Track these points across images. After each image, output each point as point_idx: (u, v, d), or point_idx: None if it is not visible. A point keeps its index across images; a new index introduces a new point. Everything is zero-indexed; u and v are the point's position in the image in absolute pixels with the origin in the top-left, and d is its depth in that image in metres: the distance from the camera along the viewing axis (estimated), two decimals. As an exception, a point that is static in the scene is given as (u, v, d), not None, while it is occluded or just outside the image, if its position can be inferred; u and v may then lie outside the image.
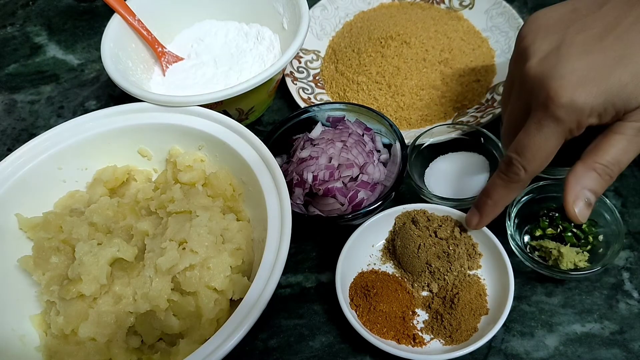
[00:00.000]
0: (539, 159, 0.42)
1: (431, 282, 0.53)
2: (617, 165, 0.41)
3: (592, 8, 0.42)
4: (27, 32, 0.88)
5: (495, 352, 0.50)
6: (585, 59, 0.39)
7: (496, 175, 0.46)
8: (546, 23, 0.43)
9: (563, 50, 0.40)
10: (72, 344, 0.49)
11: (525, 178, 0.44)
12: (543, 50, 0.42)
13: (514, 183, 0.45)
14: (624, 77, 0.38)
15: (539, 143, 0.41)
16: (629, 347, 0.49)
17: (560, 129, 0.40)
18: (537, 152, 0.42)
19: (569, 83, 0.39)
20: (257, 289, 0.44)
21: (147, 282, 0.49)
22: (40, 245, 0.53)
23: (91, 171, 0.60)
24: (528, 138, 0.42)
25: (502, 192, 0.46)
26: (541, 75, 0.40)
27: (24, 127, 0.76)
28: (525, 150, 0.42)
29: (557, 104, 0.39)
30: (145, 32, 0.68)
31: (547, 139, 0.41)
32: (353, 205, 0.56)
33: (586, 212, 0.43)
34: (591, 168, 0.41)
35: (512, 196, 0.47)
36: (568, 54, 0.40)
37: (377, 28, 0.71)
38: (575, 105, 0.39)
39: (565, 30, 0.41)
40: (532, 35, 0.43)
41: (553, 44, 0.41)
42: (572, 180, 0.42)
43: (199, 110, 0.58)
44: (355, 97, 0.69)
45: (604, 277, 0.53)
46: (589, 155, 0.42)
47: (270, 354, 0.53)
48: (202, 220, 0.51)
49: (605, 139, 0.41)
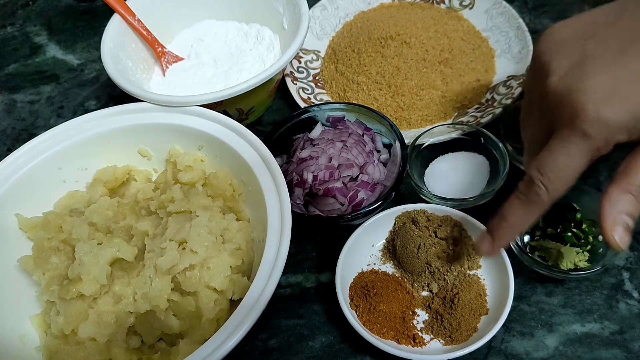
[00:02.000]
0: (563, 178, 0.39)
1: (431, 282, 0.53)
2: None
3: (610, 19, 0.40)
4: (27, 32, 0.88)
5: (495, 352, 0.50)
6: (610, 73, 0.37)
7: (514, 196, 0.43)
8: (563, 38, 0.41)
9: (585, 64, 0.38)
10: (72, 344, 0.49)
11: (546, 200, 0.40)
12: (564, 66, 0.39)
13: (534, 204, 0.41)
14: None
15: (564, 161, 0.38)
16: (629, 347, 0.49)
17: (587, 146, 0.38)
18: (561, 170, 0.39)
19: (596, 98, 0.36)
20: (257, 289, 0.44)
21: (147, 282, 0.49)
22: (40, 245, 0.53)
23: (91, 171, 0.60)
24: (551, 156, 0.39)
25: (521, 215, 0.42)
26: (565, 90, 0.38)
27: (24, 127, 0.76)
28: (548, 168, 0.39)
29: (584, 119, 0.37)
30: (145, 32, 0.68)
31: (572, 157, 0.38)
32: (353, 205, 0.56)
33: (626, 237, 0.39)
34: (626, 190, 0.39)
35: (530, 219, 0.42)
36: (591, 68, 0.38)
37: (377, 28, 0.71)
38: (604, 121, 0.36)
39: (585, 44, 0.39)
40: (550, 52, 0.41)
41: (574, 59, 0.39)
42: (607, 206, 0.39)
43: (199, 110, 0.58)
44: (355, 97, 0.69)
45: (604, 277, 0.53)
46: (622, 177, 0.39)
47: (270, 354, 0.53)
48: (202, 220, 0.51)
49: (637, 158, 0.39)
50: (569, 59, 0.39)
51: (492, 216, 0.45)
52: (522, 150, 0.57)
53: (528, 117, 0.45)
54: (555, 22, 0.43)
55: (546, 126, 0.41)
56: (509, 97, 0.63)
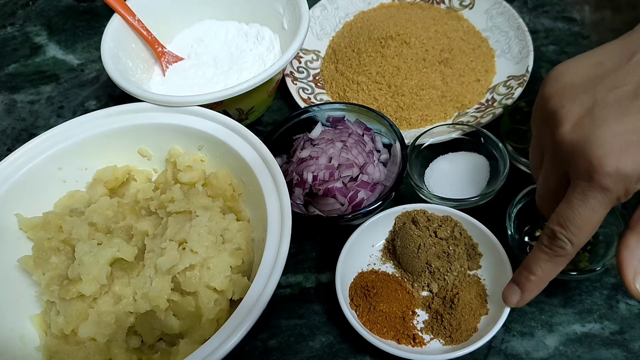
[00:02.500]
0: (586, 231, 0.39)
1: (431, 282, 0.53)
2: None
3: (620, 61, 0.38)
4: (27, 32, 0.88)
5: (495, 352, 0.50)
6: (624, 121, 0.36)
7: (539, 249, 0.42)
8: (571, 82, 0.39)
9: (597, 112, 0.37)
10: (72, 344, 0.49)
11: (571, 252, 0.40)
12: (575, 113, 0.38)
13: (560, 257, 0.41)
14: None
15: (586, 215, 0.38)
16: (629, 347, 0.49)
17: (607, 199, 0.37)
18: (584, 224, 0.38)
19: (612, 149, 0.35)
20: (257, 289, 0.44)
21: (147, 282, 0.49)
22: (40, 245, 0.53)
23: (91, 171, 0.60)
24: (572, 210, 0.38)
25: (547, 267, 0.42)
26: (579, 142, 0.37)
27: (24, 127, 0.76)
28: (570, 223, 0.39)
29: (602, 174, 0.36)
30: (145, 32, 0.68)
31: (593, 211, 0.37)
32: (353, 205, 0.56)
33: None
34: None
35: (557, 270, 0.43)
36: (604, 116, 0.36)
37: (377, 28, 0.71)
38: (623, 173, 0.35)
39: (595, 89, 0.38)
40: (558, 98, 0.39)
41: (585, 106, 0.38)
42: (626, 254, 0.38)
43: (199, 110, 0.58)
44: (355, 97, 0.69)
45: (604, 277, 0.53)
46: (639, 224, 0.39)
47: (270, 354, 0.53)
48: (202, 220, 0.51)
49: None
50: (580, 106, 0.38)
51: (517, 268, 0.45)
52: (522, 150, 0.57)
53: (538, 159, 0.44)
54: (554, 23, 0.42)
55: (560, 173, 0.40)
56: (509, 97, 0.63)
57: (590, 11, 0.71)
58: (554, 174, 0.41)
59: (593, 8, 0.71)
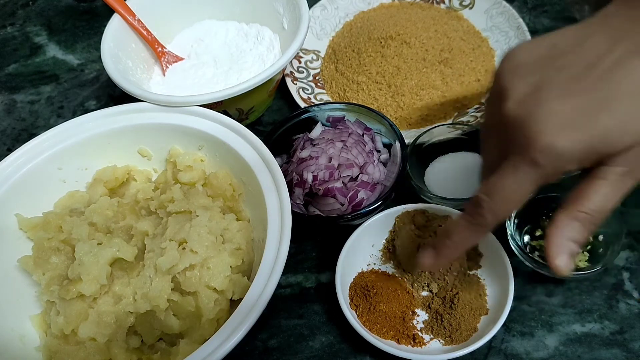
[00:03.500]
0: (509, 203, 0.40)
1: (431, 282, 0.53)
2: (602, 212, 0.38)
3: (573, 44, 0.39)
4: (27, 32, 0.88)
5: (495, 352, 0.50)
6: (567, 101, 0.37)
7: (460, 215, 0.43)
8: (523, 61, 0.40)
9: (542, 91, 0.38)
10: (72, 344, 0.49)
11: (491, 222, 0.40)
12: (521, 91, 0.39)
13: (480, 226, 0.41)
14: (607, 122, 0.35)
15: (512, 187, 0.39)
16: (629, 347, 0.49)
17: (536, 174, 0.38)
18: (508, 195, 0.39)
19: (549, 127, 0.36)
20: (257, 289, 0.44)
21: (147, 282, 0.49)
22: (40, 245, 0.53)
23: (91, 171, 0.60)
24: (501, 180, 0.39)
25: (464, 235, 0.43)
26: (520, 117, 0.38)
27: (24, 127, 0.76)
28: (495, 193, 0.39)
29: (535, 148, 0.37)
30: (145, 32, 0.68)
31: (520, 184, 0.38)
32: (353, 205, 0.56)
33: (570, 264, 0.40)
34: (574, 217, 0.39)
35: (474, 240, 0.43)
36: (548, 95, 0.37)
37: (377, 28, 0.71)
38: (556, 151, 0.36)
39: (545, 70, 0.39)
40: (509, 75, 0.40)
41: (532, 85, 0.39)
42: (554, 232, 0.39)
43: (199, 110, 0.58)
44: (355, 97, 0.69)
45: (604, 277, 0.53)
46: (571, 204, 0.39)
47: (270, 354, 0.53)
48: (202, 220, 0.51)
49: (587, 185, 0.38)
50: (527, 84, 0.39)
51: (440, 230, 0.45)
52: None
53: (486, 136, 0.45)
54: (554, 22, 0.42)
55: (501, 149, 0.41)
56: (509, 97, 0.63)
57: (590, 11, 0.71)
58: (496, 148, 0.42)
59: (593, 8, 0.71)
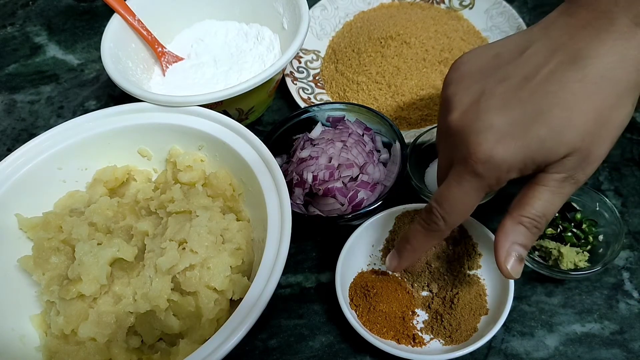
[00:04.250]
0: (458, 212, 0.42)
1: (431, 282, 0.53)
2: (544, 217, 0.40)
3: (514, 54, 0.40)
4: (27, 32, 0.88)
5: (495, 352, 0.50)
6: (504, 113, 0.38)
7: (417, 221, 0.45)
8: (469, 71, 0.42)
9: (482, 104, 0.39)
10: (72, 344, 0.49)
11: (444, 228, 0.43)
12: (464, 102, 0.40)
13: (434, 232, 0.44)
14: (542, 133, 0.37)
15: (458, 197, 0.41)
16: (629, 347, 0.49)
17: (479, 184, 0.39)
18: (455, 205, 0.41)
19: (488, 139, 0.38)
20: (257, 289, 0.44)
21: (147, 282, 0.49)
22: (40, 245, 0.53)
23: (91, 171, 0.60)
24: (448, 190, 0.41)
25: (421, 239, 0.45)
26: (462, 129, 0.40)
27: (24, 127, 0.76)
28: (444, 202, 0.42)
29: (475, 160, 0.38)
30: (145, 32, 0.68)
31: (465, 193, 0.40)
32: (353, 205, 0.56)
33: (519, 267, 0.41)
34: (518, 222, 0.40)
35: (430, 244, 0.46)
36: (487, 107, 0.39)
37: (377, 28, 0.71)
38: (494, 162, 0.38)
39: (486, 80, 0.40)
40: (454, 85, 0.42)
41: (474, 96, 0.40)
42: (501, 237, 0.41)
43: (199, 110, 0.58)
44: (355, 97, 0.69)
45: (604, 277, 0.53)
46: (515, 209, 0.41)
47: (270, 354, 0.53)
48: (202, 220, 0.51)
49: (529, 191, 0.40)
50: (470, 95, 0.40)
51: (400, 239, 0.48)
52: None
53: (440, 145, 0.46)
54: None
55: (449, 156, 0.43)
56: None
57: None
58: (445, 157, 0.44)
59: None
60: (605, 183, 0.59)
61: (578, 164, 0.38)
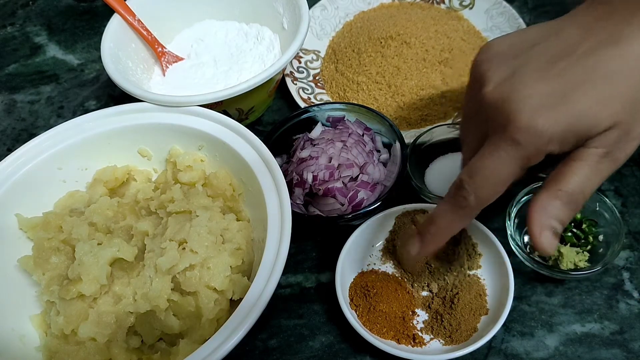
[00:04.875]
0: (492, 185, 0.39)
1: (431, 282, 0.53)
2: (582, 194, 0.39)
3: (547, 36, 0.40)
4: (27, 32, 0.88)
5: (495, 352, 0.50)
6: (543, 84, 0.37)
7: (444, 200, 0.42)
8: (500, 50, 0.41)
9: (518, 76, 0.38)
10: (72, 344, 0.49)
11: (474, 205, 0.40)
12: (498, 75, 0.40)
13: (462, 209, 0.41)
14: (584, 103, 0.36)
15: (493, 167, 0.38)
16: (629, 347, 0.49)
17: (517, 153, 0.37)
18: (490, 176, 0.39)
19: (529, 107, 0.37)
20: (257, 289, 0.44)
21: (147, 282, 0.49)
22: (40, 245, 0.53)
23: (91, 171, 0.60)
24: (482, 161, 0.39)
25: (448, 219, 0.42)
26: (499, 99, 0.39)
27: (24, 127, 0.76)
28: (477, 173, 0.39)
29: (515, 127, 0.37)
30: (145, 32, 0.68)
31: (502, 163, 0.38)
32: (353, 205, 0.56)
33: (554, 242, 0.40)
34: (555, 196, 0.39)
35: (458, 225, 0.43)
36: (523, 80, 0.38)
37: (377, 28, 0.71)
38: (535, 131, 0.36)
39: (520, 57, 0.40)
40: (486, 63, 0.41)
41: (508, 71, 0.39)
42: (536, 210, 0.39)
43: (199, 110, 0.58)
44: (355, 97, 0.69)
45: (604, 277, 0.53)
46: (552, 183, 0.39)
47: (270, 354, 0.53)
48: (202, 220, 0.51)
49: (567, 166, 0.39)
50: (505, 70, 0.40)
51: (427, 218, 0.45)
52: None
53: (467, 126, 0.45)
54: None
55: (481, 135, 0.42)
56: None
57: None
58: (477, 136, 0.43)
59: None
60: (605, 183, 0.59)
61: (619, 139, 0.37)
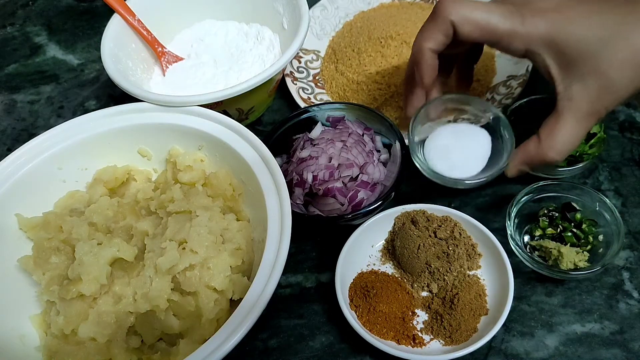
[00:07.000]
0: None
1: (431, 283, 0.53)
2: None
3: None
4: (27, 32, 0.88)
5: (495, 352, 0.50)
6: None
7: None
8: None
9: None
10: (72, 344, 0.49)
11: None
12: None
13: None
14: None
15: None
16: (629, 347, 0.49)
17: (434, 24, 0.50)
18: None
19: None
20: (257, 289, 0.44)
21: (147, 282, 0.49)
22: (40, 245, 0.53)
23: (91, 171, 0.60)
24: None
25: None
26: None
27: (24, 127, 0.76)
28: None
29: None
30: (145, 32, 0.68)
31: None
32: (353, 205, 0.56)
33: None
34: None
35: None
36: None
37: (377, 28, 0.71)
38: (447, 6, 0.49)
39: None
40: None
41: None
42: (520, 158, 0.49)
43: (199, 110, 0.58)
44: (355, 97, 0.69)
45: (604, 277, 0.53)
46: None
47: (270, 354, 0.53)
48: (202, 220, 0.51)
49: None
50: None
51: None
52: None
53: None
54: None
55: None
56: (509, 97, 0.63)
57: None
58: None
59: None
60: (605, 183, 0.59)
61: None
